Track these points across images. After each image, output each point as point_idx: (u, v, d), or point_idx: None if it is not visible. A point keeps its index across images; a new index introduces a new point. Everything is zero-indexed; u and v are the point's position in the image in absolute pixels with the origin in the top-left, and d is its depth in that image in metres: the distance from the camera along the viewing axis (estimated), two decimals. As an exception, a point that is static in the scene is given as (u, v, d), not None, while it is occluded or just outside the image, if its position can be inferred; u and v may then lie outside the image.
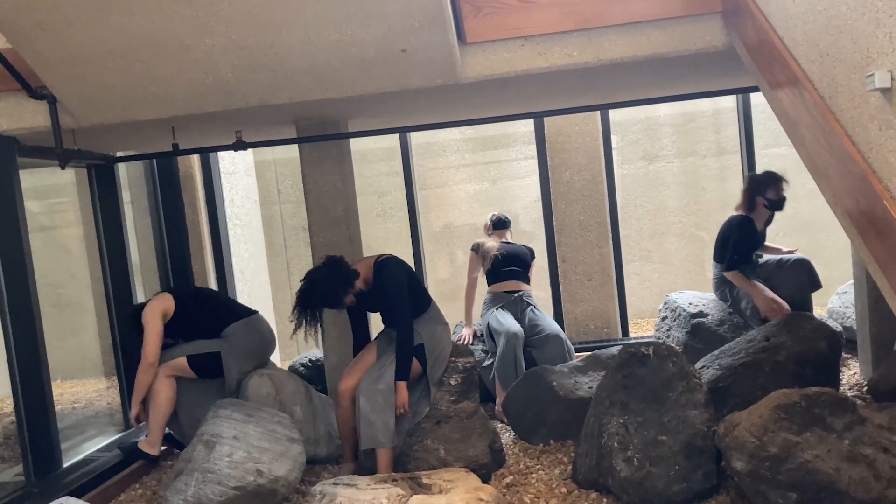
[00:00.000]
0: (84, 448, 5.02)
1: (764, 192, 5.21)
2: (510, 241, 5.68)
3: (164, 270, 6.23)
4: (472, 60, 4.01)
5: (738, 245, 5.19)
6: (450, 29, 3.74)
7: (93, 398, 6.20)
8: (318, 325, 4.20)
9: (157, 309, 4.51)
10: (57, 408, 4.82)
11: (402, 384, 4.04)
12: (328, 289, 4.10)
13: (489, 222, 5.74)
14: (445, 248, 8.27)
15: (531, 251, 5.73)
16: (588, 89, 4.90)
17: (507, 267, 5.48)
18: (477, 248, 5.54)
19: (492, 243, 5.52)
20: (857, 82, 2.60)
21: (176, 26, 3.54)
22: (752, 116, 6.66)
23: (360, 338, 4.48)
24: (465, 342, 5.42)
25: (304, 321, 4.16)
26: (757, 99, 6.46)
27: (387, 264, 4.24)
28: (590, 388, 4.58)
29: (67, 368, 6.32)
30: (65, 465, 4.64)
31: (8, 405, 5.00)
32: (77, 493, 4.10)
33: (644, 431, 3.60)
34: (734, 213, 5.36)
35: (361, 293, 4.25)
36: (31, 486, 4.38)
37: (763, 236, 5.43)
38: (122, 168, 5.80)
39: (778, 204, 5.22)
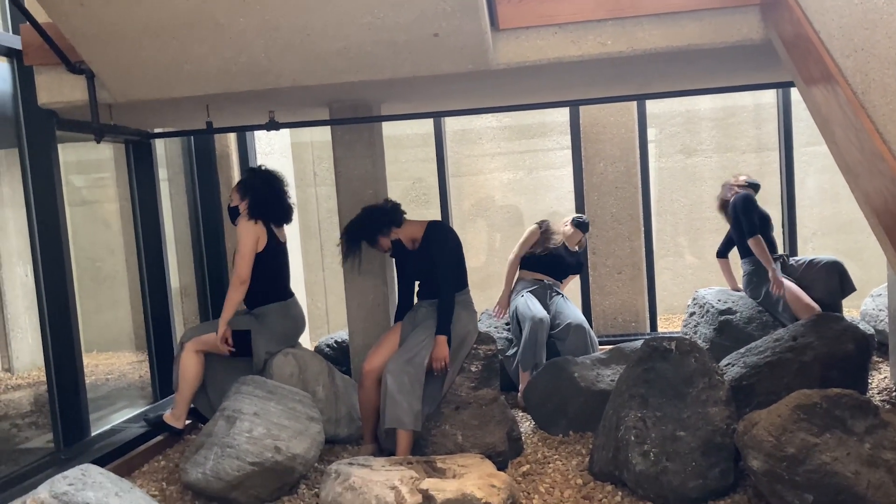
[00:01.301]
0: (113, 419, 5.12)
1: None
2: (572, 248, 5.64)
3: (198, 248, 6.32)
4: (504, 47, 3.99)
5: (749, 216, 5.33)
6: (482, 14, 3.72)
7: (126, 371, 6.32)
8: (357, 256, 4.43)
9: (253, 232, 4.53)
10: (90, 379, 4.93)
11: (443, 339, 4.11)
12: (368, 222, 4.36)
13: (571, 218, 5.69)
14: (478, 235, 8.27)
15: (580, 265, 5.76)
16: (622, 79, 4.84)
17: (546, 264, 5.50)
18: (544, 229, 5.54)
19: (559, 237, 5.52)
20: (890, 78, 2.54)
21: (210, 5, 3.57)
22: (793, 113, 6.54)
23: (403, 303, 4.57)
24: (499, 316, 5.52)
25: (344, 248, 4.41)
26: (797, 96, 6.34)
27: (439, 226, 4.39)
28: (612, 380, 4.56)
29: (103, 341, 6.46)
30: (93, 434, 4.74)
31: (41, 375, 5.12)
32: (103, 462, 4.19)
33: (662, 426, 3.57)
34: (737, 191, 5.51)
35: (406, 252, 4.39)
36: (59, 453, 4.49)
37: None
38: (159, 146, 5.88)
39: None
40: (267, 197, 4.68)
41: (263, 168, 4.83)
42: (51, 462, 4.34)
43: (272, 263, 4.67)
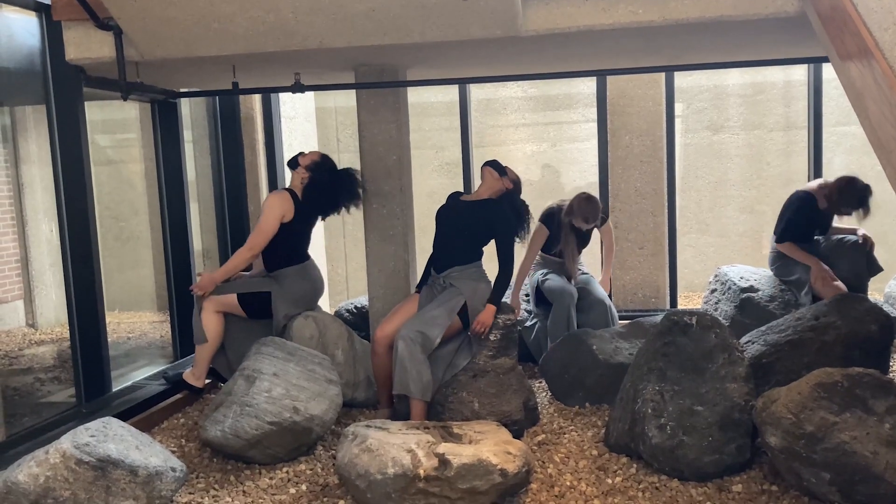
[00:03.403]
0: (134, 376, 5.18)
1: (848, 203, 5.09)
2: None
3: (220, 210, 6.34)
4: (533, 13, 3.95)
5: (793, 219, 5.18)
6: (513, -21, 3.68)
7: (146, 330, 6.40)
8: None
9: (280, 209, 4.52)
10: (112, 336, 4.99)
11: (493, 308, 4.19)
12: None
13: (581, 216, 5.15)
14: (499, 207, 8.22)
15: (603, 218, 5.53)
16: (652, 50, 4.78)
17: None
18: (552, 222, 5.25)
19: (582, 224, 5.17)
20: (929, 53, 2.49)
21: (239, -37, 3.56)
22: (824, 91, 6.43)
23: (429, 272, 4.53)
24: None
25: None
26: (829, 73, 6.24)
27: (504, 205, 4.36)
28: (630, 354, 4.55)
29: (125, 300, 6.53)
30: (114, 390, 4.80)
31: (64, 331, 5.19)
32: (123, 417, 4.24)
33: (680, 400, 3.56)
34: (802, 189, 5.25)
35: (457, 202, 4.42)
36: (80, 407, 4.56)
37: (829, 218, 5.30)
38: (185, 108, 5.89)
39: (845, 212, 5.18)
40: (325, 187, 4.67)
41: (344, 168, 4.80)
42: (72, 416, 4.41)
43: (298, 229, 4.68)
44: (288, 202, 4.57)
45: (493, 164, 4.44)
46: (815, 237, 5.33)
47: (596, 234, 5.49)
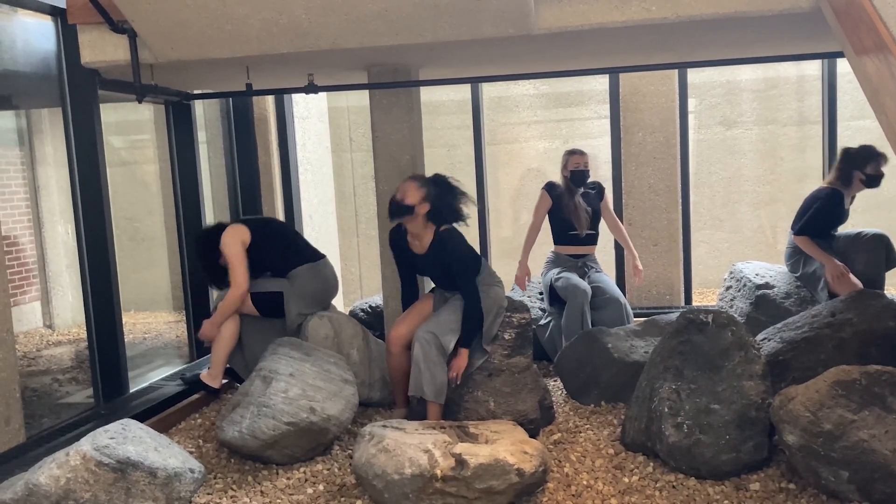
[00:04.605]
0: (151, 377, 5.21)
1: (863, 166, 5.07)
2: (585, 168, 5.28)
3: (235, 210, 6.37)
4: (545, 11, 3.94)
5: (818, 214, 5.08)
6: (525, -22, 3.68)
7: (162, 330, 6.43)
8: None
9: (236, 238, 4.54)
10: (129, 337, 5.02)
11: (465, 352, 4.08)
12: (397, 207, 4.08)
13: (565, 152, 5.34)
14: (511, 205, 8.23)
15: (601, 190, 5.49)
16: (665, 47, 4.77)
17: (576, 232, 5.35)
18: (553, 188, 5.34)
19: (579, 163, 5.22)
20: (946, 49, 2.47)
21: (252, -34, 3.57)
22: (838, 86, 6.39)
23: (410, 296, 4.54)
24: (523, 287, 5.47)
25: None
26: (843, 67, 6.20)
27: (452, 236, 4.14)
28: (645, 352, 4.54)
29: (141, 300, 6.57)
30: (131, 391, 4.83)
31: (81, 332, 5.22)
32: (141, 418, 4.26)
33: (696, 399, 3.55)
34: (823, 185, 5.20)
35: (413, 255, 4.28)
36: (98, 408, 4.59)
37: (846, 214, 5.26)
38: (198, 108, 5.91)
39: (875, 180, 5.09)
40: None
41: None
42: (91, 417, 4.44)
43: (275, 237, 4.74)
44: (241, 230, 4.59)
45: (394, 210, 4.09)
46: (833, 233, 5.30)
47: (603, 234, 5.50)
